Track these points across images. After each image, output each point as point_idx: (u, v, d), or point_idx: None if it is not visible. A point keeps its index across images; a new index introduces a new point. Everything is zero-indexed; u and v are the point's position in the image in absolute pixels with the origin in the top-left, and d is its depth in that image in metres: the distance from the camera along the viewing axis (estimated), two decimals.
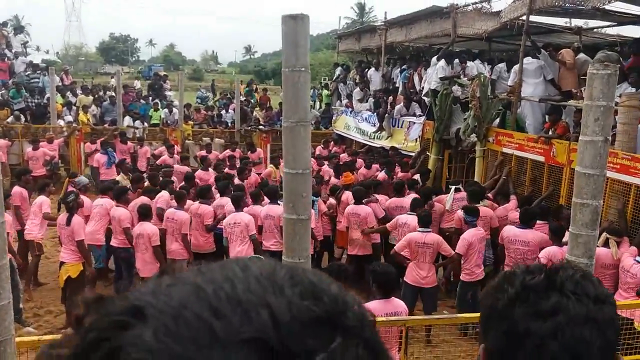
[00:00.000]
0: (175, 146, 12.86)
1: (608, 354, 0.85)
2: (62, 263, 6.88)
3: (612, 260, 5.57)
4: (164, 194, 7.83)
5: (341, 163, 10.66)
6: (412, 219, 6.81)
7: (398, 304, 4.61)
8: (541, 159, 7.90)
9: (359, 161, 11.09)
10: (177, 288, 0.44)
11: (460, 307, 6.34)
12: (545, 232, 6.38)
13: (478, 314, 0.96)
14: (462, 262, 6.41)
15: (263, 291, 0.44)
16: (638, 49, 8.39)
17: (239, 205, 7.09)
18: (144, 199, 7.51)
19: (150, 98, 17.88)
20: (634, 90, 7.10)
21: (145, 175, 9.75)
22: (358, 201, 7.60)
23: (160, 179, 8.84)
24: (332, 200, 8.35)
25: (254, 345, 0.40)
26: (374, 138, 12.75)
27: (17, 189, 7.95)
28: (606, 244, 5.68)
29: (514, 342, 0.85)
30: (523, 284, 0.87)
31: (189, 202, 7.65)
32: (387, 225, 7.30)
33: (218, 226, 7.43)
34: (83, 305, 0.47)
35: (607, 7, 7.81)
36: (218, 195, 8.03)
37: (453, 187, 8.25)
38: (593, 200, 3.31)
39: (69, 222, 6.66)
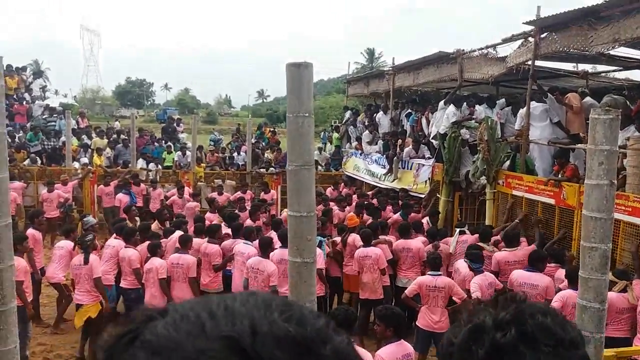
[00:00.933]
0: (187, 187, 13.00)
1: None
2: (78, 305, 6.88)
3: (627, 304, 5.44)
4: (178, 233, 7.91)
5: (365, 203, 10.66)
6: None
7: (408, 346, 4.55)
8: (551, 201, 7.85)
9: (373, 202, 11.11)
10: (197, 300, 0.59)
11: None
12: (555, 274, 6.30)
13: None
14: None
15: (255, 309, 0.55)
16: None
17: (265, 251, 6.82)
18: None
19: (164, 141, 18.23)
20: None
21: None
22: (367, 243, 7.56)
23: (167, 214, 8.98)
24: (336, 239, 8.33)
25: (229, 342, 0.51)
26: (384, 180, 12.80)
27: (30, 231, 8.03)
28: (624, 289, 5.56)
29: None
30: (493, 344, 0.79)
31: (197, 241, 7.66)
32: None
33: (227, 267, 7.43)
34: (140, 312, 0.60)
35: (612, 52, 7.89)
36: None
37: (457, 230, 8.21)
38: (602, 244, 3.28)
39: (86, 261, 6.72)
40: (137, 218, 9.70)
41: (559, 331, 0.81)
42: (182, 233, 7.85)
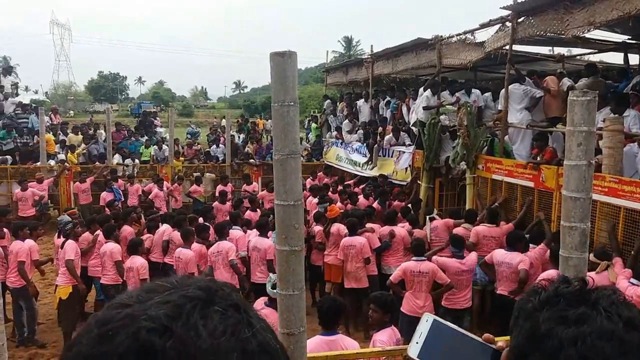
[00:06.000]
0: (165, 182, 12.84)
1: None
2: (56, 287, 7.13)
3: (608, 282, 5.59)
4: (165, 227, 8.18)
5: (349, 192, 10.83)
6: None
7: (397, 331, 4.61)
8: (530, 184, 7.98)
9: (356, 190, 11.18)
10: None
11: None
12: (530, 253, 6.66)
13: None
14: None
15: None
16: None
17: (222, 234, 7.41)
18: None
19: (140, 135, 17.96)
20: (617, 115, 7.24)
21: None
22: (352, 232, 7.60)
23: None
24: (318, 228, 8.39)
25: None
26: (365, 168, 12.84)
27: None
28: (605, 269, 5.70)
29: (534, 342, 0.85)
30: (556, 291, 0.89)
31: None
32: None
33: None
34: None
35: (587, 35, 8.00)
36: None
37: (428, 217, 8.36)
38: (581, 223, 3.34)
39: (62, 245, 7.05)
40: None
41: (622, 308, 0.85)
42: (170, 227, 8.07)
